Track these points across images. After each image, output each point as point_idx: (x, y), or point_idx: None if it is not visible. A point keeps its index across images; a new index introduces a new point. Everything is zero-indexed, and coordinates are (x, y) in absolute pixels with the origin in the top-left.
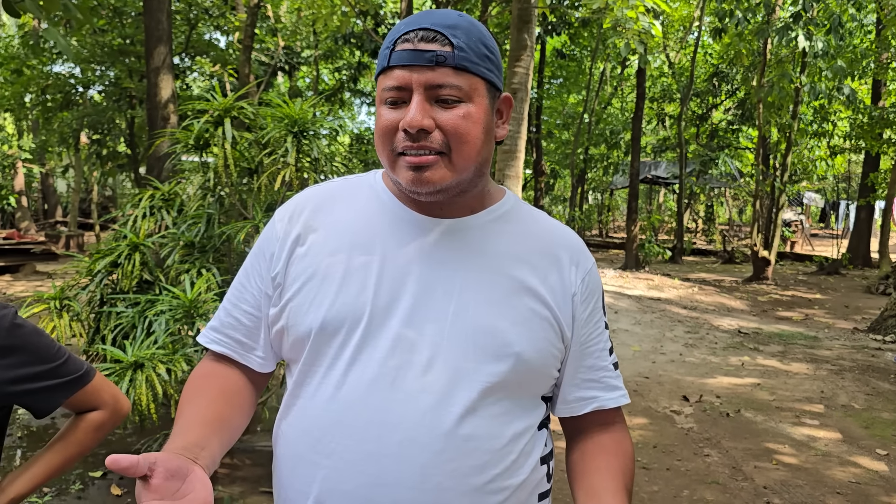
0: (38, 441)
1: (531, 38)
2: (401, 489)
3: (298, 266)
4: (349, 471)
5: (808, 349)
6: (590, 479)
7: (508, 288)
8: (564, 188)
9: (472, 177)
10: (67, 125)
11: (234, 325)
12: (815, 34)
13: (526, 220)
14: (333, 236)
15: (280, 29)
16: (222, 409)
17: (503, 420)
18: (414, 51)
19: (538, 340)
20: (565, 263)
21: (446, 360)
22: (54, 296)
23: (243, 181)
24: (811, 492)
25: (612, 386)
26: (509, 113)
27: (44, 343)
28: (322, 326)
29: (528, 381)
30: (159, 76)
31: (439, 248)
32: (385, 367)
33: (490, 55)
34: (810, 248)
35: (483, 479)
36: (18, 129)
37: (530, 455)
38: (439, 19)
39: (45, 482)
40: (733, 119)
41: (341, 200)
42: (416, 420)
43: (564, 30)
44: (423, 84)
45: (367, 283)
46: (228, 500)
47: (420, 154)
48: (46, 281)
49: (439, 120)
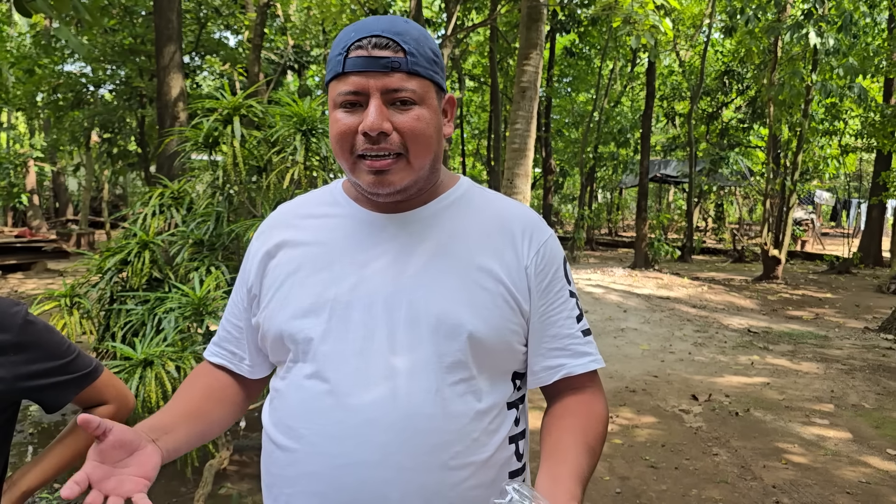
0: (48, 437)
1: (540, 37)
2: (364, 468)
3: (270, 277)
4: (315, 453)
5: (819, 348)
6: (551, 438)
7: (461, 270)
8: (574, 187)
9: (427, 174)
10: (78, 124)
11: (227, 337)
12: (826, 32)
13: (478, 202)
14: (300, 244)
15: (289, 28)
16: (201, 404)
17: (465, 399)
18: (369, 57)
19: (492, 318)
20: (518, 238)
21: (403, 345)
22: (65, 293)
23: (252, 179)
24: (821, 491)
25: (581, 352)
26: (453, 111)
27: (55, 340)
28: (289, 323)
29: (487, 359)
30: (169, 75)
31: (394, 240)
32: (348, 356)
33: (435, 58)
34: (821, 247)
35: (444, 456)
36: (30, 128)
37: (496, 433)
38: (388, 26)
39: (55, 477)
40: (744, 117)
41: (308, 210)
42: (377, 402)
43: (574, 28)
44: (381, 89)
45: (327, 282)
46: (237, 496)
47: (380, 157)
48: (57, 279)
49: (396, 122)
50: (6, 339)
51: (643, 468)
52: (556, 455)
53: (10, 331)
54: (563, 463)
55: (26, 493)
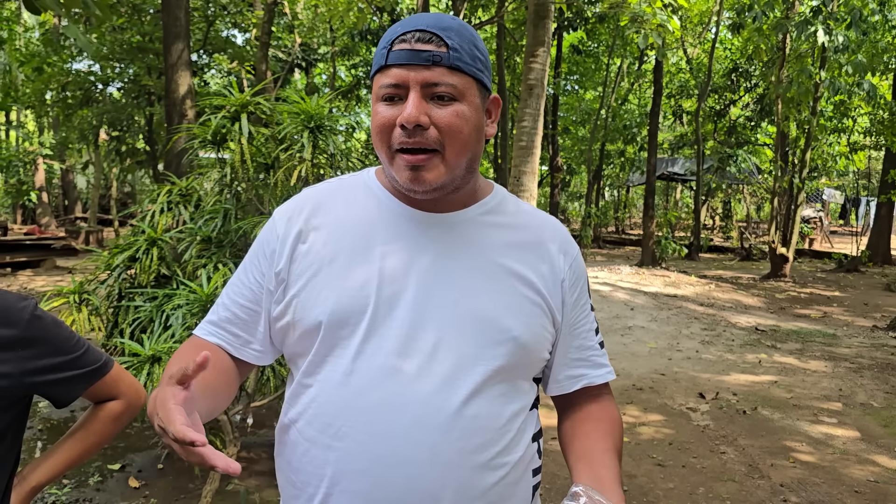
0: (57, 433)
1: (548, 34)
2: (412, 467)
3: (302, 263)
4: (361, 451)
5: (827, 347)
6: (580, 441)
7: (503, 277)
8: (581, 184)
9: (464, 173)
10: (87, 122)
11: (231, 319)
12: (835, 29)
13: (514, 211)
14: (334, 233)
15: (297, 26)
16: (212, 379)
17: (503, 401)
18: (411, 50)
19: (533, 325)
20: (554, 252)
21: (450, 346)
22: (74, 290)
23: (260, 176)
24: (829, 490)
25: (599, 364)
26: (497, 112)
27: (63, 334)
28: (330, 318)
29: (524, 363)
30: (177, 73)
31: (437, 241)
32: (392, 354)
33: (480, 56)
34: (829, 245)
35: (486, 456)
36: (39, 126)
37: (525, 433)
38: (434, 22)
39: (65, 471)
40: (752, 115)
41: (339, 199)
42: (424, 402)
43: (581, 25)
44: (420, 82)
45: (370, 276)
46: (244, 492)
47: (416, 152)
48: (66, 276)
49: (434, 117)
50: (13, 333)
51: (650, 466)
52: (593, 459)
53: (17, 325)
54: (603, 467)
55: (36, 489)
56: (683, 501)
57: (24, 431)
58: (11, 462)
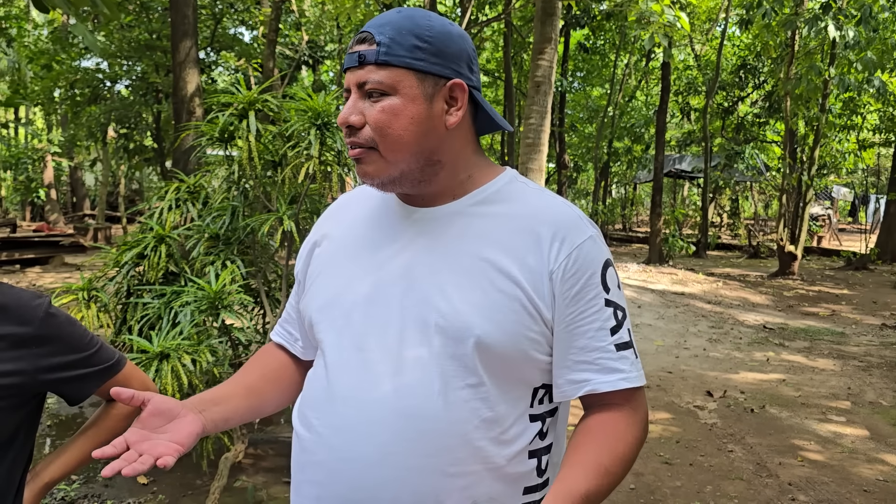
0: (66, 429)
1: (555, 31)
2: (363, 465)
3: (313, 266)
4: (320, 443)
5: (835, 345)
6: (566, 457)
7: (477, 271)
8: (588, 182)
9: (418, 167)
10: (95, 119)
11: (287, 318)
12: (845, 25)
13: (512, 200)
14: (340, 236)
15: (304, 23)
16: (257, 380)
17: (470, 405)
18: (350, 54)
19: (506, 323)
20: (545, 240)
21: (413, 345)
22: (82, 287)
23: (267, 174)
24: (837, 489)
25: (610, 368)
26: (464, 98)
27: (77, 332)
28: (317, 314)
29: (499, 366)
30: (185, 70)
31: (420, 235)
32: (362, 352)
33: (421, 45)
34: (838, 242)
35: (443, 461)
36: (48, 124)
37: (510, 444)
38: (375, 21)
39: (77, 468)
40: (760, 112)
41: (355, 203)
42: (380, 399)
43: (588, 22)
44: (354, 83)
45: (353, 273)
46: (252, 489)
47: (354, 149)
48: (75, 273)
49: (366, 115)
50: (27, 331)
51: (657, 464)
52: (560, 474)
53: (31, 323)
54: (559, 481)
55: (48, 485)
56: (691, 500)
57: (37, 428)
58: (25, 458)
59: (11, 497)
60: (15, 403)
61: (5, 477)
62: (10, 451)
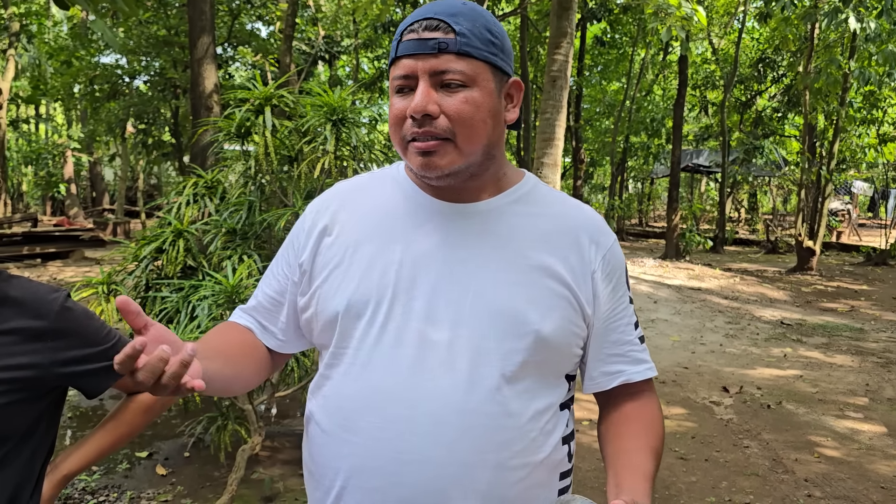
0: (86, 421)
1: (571, 25)
2: (427, 465)
3: (326, 255)
4: (377, 447)
5: (854, 341)
6: (615, 443)
7: (526, 268)
8: (604, 176)
9: (480, 160)
10: (114, 115)
11: (258, 308)
12: (865, 17)
13: (544, 201)
14: (359, 226)
15: (320, 18)
16: (235, 351)
17: (525, 398)
18: (418, 40)
19: (557, 319)
20: (584, 242)
21: (467, 339)
22: (102, 281)
23: (284, 169)
24: (854, 486)
25: (638, 359)
26: (520, 97)
27: (94, 326)
28: (347, 309)
29: (548, 359)
30: (203, 66)
31: (459, 231)
32: (409, 347)
33: (494, 40)
34: (857, 238)
35: (505, 455)
36: (67, 119)
37: (551, 434)
38: (443, 8)
39: (97, 460)
40: (778, 106)
41: (367, 193)
42: (440, 398)
43: (605, 16)
44: (428, 71)
45: (388, 267)
46: (269, 481)
47: (426, 140)
48: (95, 267)
49: (443, 105)
50: (43, 324)
51: (672, 459)
52: (624, 460)
53: (46, 317)
54: (630, 467)
55: (67, 477)
56: (706, 495)
57: (58, 421)
58: (46, 450)
59: (31, 488)
60: (32, 396)
61: (25, 468)
62: (29, 442)
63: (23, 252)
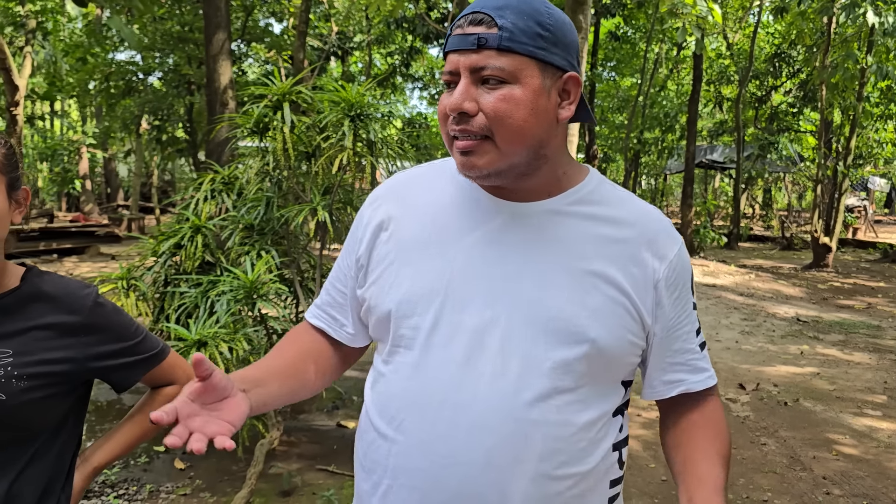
0: (104, 415)
1: (586, 20)
2: (469, 469)
3: (382, 250)
4: (421, 448)
5: (871, 338)
6: (682, 451)
7: (583, 274)
8: (617, 172)
9: (527, 160)
10: (129, 111)
11: (330, 301)
12: (884, 11)
13: (607, 202)
14: (413, 222)
15: (333, 14)
16: (296, 362)
17: (575, 408)
18: (462, 35)
19: (615, 328)
20: (648, 250)
21: (518, 345)
22: (122, 276)
23: (301, 165)
24: (873, 484)
25: (699, 368)
26: (577, 92)
27: (123, 321)
28: (399, 308)
29: (603, 368)
30: (218, 62)
31: (516, 232)
32: (458, 349)
33: (544, 33)
34: (874, 234)
35: (549, 465)
36: (83, 116)
37: (601, 442)
38: (491, 1)
39: (125, 453)
40: (794, 101)
41: (423, 186)
42: (486, 403)
43: (619, 11)
44: (468, 67)
45: (442, 267)
46: (287, 476)
47: (465, 138)
48: (110, 262)
49: (481, 103)
50: (77, 320)
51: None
52: (694, 469)
53: (80, 312)
54: (701, 477)
55: (97, 469)
56: None
57: (85, 414)
58: (74, 443)
59: (62, 481)
60: (65, 390)
61: (56, 461)
62: (60, 435)
63: (39, 248)
